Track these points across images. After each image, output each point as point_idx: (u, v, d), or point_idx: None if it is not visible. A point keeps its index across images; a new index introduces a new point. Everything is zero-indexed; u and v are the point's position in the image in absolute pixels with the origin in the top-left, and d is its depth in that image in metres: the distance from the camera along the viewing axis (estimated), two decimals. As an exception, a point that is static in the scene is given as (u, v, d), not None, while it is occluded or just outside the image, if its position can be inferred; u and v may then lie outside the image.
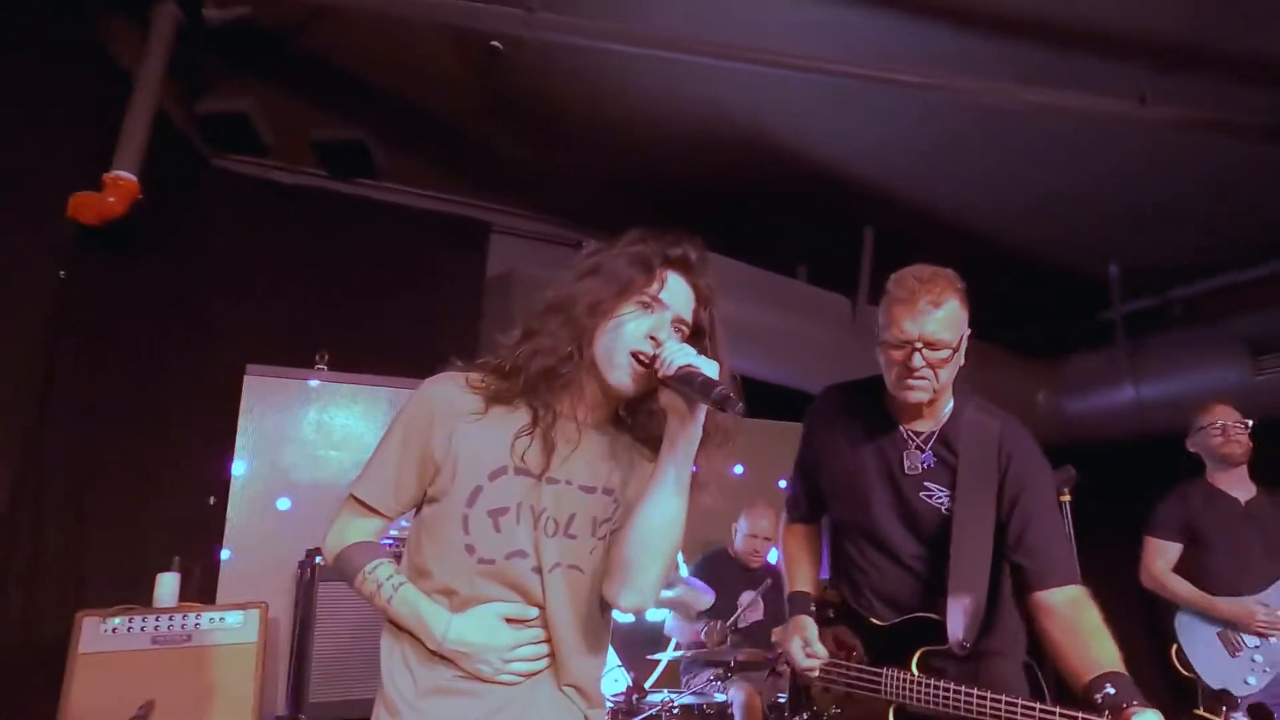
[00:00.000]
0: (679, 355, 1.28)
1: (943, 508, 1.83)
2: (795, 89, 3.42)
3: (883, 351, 1.83)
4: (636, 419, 1.47)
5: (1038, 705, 1.56)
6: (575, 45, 3.07)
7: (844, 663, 1.92)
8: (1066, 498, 2.50)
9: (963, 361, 1.81)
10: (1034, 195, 4.08)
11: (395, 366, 3.98)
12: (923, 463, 1.86)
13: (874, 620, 1.91)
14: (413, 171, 4.54)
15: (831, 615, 2.02)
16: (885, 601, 1.91)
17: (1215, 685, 3.06)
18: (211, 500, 3.80)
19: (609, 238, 1.47)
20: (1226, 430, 3.23)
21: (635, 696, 3.03)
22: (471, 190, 4.77)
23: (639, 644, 4.15)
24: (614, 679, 3.26)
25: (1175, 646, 3.21)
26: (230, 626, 3.03)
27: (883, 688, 1.82)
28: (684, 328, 1.40)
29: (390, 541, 1.65)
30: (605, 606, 1.42)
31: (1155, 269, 4.72)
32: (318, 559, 3.28)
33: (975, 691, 1.66)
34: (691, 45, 3.00)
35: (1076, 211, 4.20)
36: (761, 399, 5.03)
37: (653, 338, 1.34)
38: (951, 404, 1.89)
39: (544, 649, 1.37)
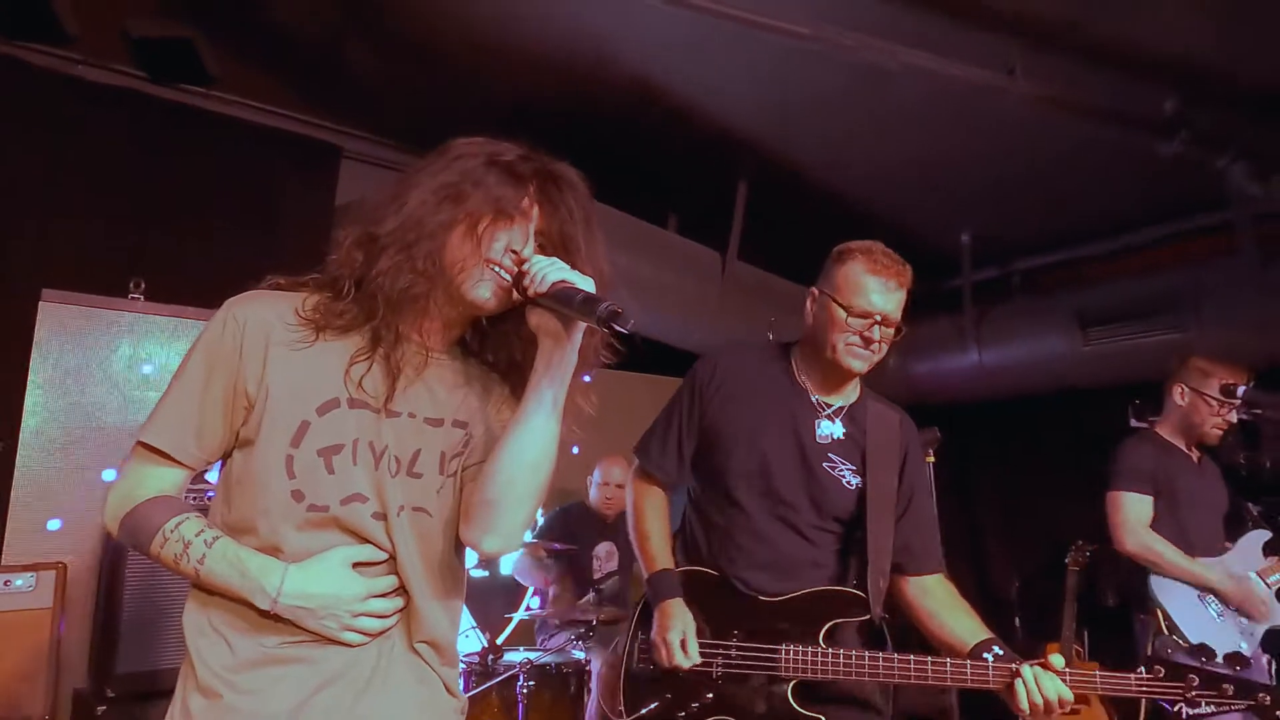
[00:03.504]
0: (552, 271, 1.14)
1: (844, 480, 1.84)
2: (678, 28, 3.26)
3: (836, 317, 1.82)
4: (486, 343, 1.31)
5: (969, 662, 1.65)
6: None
7: (723, 643, 1.81)
8: (931, 458, 2.54)
9: None
10: (900, 160, 4.15)
11: (225, 300, 3.55)
12: (833, 433, 1.87)
13: (762, 597, 1.82)
14: (252, 82, 4.06)
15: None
16: (774, 574, 1.83)
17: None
18: (0, 445, 3.33)
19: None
20: (1225, 411, 2.86)
21: (491, 657, 2.89)
22: (321, 109, 4.33)
23: (495, 600, 4.02)
24: (467, 638, 3.11)
25: (1160, 611, 2.79)
26: (18, 591, 2.63)
27: (781, 665, 1.74)
28: (550, 244, 1.24)
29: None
30: (459, 551, 1.26)
31: (1001, 240, 4.95)
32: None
33: (912, 657, 1.68)
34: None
35: (938, 179, 4.31)
36: (623, 352, 4.94)
37: (514, 251, 1.18)
38: (859, 389, 1.97)
39: (399, 601, 1.20)
